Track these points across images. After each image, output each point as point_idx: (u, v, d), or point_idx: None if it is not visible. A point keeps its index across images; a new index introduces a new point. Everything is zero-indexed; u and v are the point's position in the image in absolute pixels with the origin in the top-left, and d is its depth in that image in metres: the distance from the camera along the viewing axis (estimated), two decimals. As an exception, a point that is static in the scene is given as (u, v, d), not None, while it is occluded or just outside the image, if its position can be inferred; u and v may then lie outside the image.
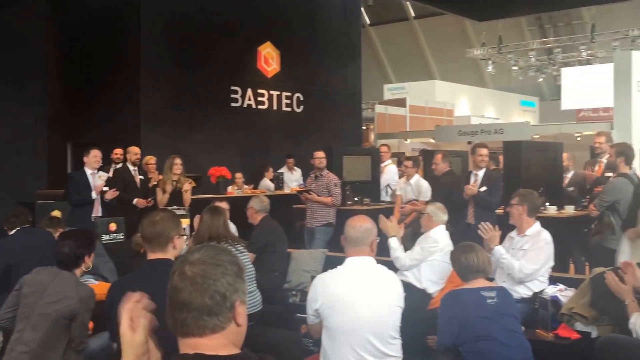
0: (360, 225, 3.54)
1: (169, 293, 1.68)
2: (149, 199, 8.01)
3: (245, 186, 10.83)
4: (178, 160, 8.08)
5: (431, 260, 5.35)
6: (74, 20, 11.36)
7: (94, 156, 7.70)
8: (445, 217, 5.56)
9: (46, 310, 3.80)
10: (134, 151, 8.59)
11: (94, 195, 7.62)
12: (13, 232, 5.39)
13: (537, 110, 29.51)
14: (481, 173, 7.25)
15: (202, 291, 1.65)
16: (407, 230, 7.51)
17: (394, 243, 5.42)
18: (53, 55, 10.76)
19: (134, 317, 1.77)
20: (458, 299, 3.75)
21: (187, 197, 8.05)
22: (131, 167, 8.52)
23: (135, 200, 8.05)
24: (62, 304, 3.81)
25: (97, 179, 7.73)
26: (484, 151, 7.32)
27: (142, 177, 8.54)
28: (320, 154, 8.42)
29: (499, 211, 7.18)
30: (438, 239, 5.39)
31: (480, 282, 3.83)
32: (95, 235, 4.39)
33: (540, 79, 28.13)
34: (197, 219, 5.86)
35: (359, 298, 3.36)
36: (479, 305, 3.66)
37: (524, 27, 27.69)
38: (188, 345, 1.66)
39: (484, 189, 7.09)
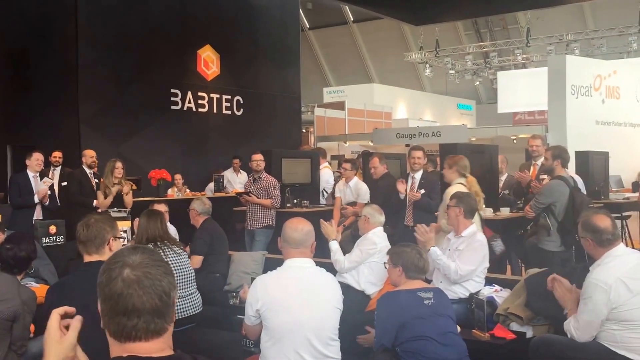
0: (302, 228, 3.58)
1: (112, 300, 1.62)
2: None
3: (187, 189, 10.73)
4: (119, 164, 8.03)
5: (370, 262, 5.42)
6: (10, 22, 11.04)
7: (36, 159, 7.79)
8: (382, 218, 5.63)
9: None
10: (90, 154, 8.54)
11: (36, 199, 7.63)
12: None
13: (474, 113, 30.18)
14: (418, 175, 7.38)
15: (152, 293, 1.62)
16: (346, 232, 7.62)
17: (334, 246, 5.47)
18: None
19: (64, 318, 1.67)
20: (395, 300, 3.79)
21: (128, 199, 8.01)
22: (87, 170, 8.45)
23: (95, 202, 8.03)
24: (3, 306, 3.75)
25: (40, 184, 7.65)
26: (419, 154, 7.44)
27: (97, 180, 8.45)
28: (257, 157, 8.44)
29: (437, 213, 7.33)
30: (376, 241, 5.45)
31: (417, 284, 3.88)
32: (33, 238, 4.31)
33: (477, 83, 28.83)
34: (136, 221, 5.81)
35: (299, 299, 3.39)
36: (416, 306, 3.71)
37: (460, 31, 28.29)
38: (125, 349, 1.61)
39: (422, 191, 7.21)
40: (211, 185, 11.19)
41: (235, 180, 11.65)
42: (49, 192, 7.83)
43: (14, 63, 11.14)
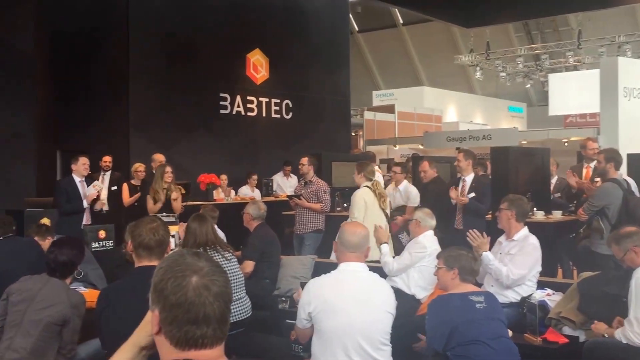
0: (359, 232, 3.59)
1: (180, 308, 1.56)
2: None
3: (232, 191, 10.84)
4: (169, 169, 8.06)
5: (420, 265, 5.37)
6: (62, 28, 11.32)
7: (83, 164, 7.68)
8: (433, 222, 5.58)
9: (37, 316, 3.81)
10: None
11: (85, 204, 7.60)
12: (-1, 239, 5.35)
13: (524, 116, 29.71)
14: (469, 179, 7.28)
15: (220, 301, 1.58)
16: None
17: (385, 249, 5.47)
18: (42, 62, 10.73)
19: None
20: (446, 304, 3.76)
21: (177, 204, 8.04)
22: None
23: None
24: (53, 310, 3.83)
25: (90, 188, 7.71)
26: (459, 156, 7.38)
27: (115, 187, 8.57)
28: (303, 161, 8.42)
29: (488, 216, 7.22)
30: (426, 245, 5.40)
31: (468, 287, 3.84)
32: (82, 242, 4.38)
33: (528, 85, 28.37)
34: (182, 226, 5.87)
35: (351, 303, 3.39)
36: (467, 309, 3.67)
37: (511, 33, 27.90)
38: (184, 355, 1.58)
39: (472, 194, 7.12)
40: (244, 188, 11.23)
41: (286, 184, 11.69)
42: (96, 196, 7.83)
43: (65, 69, 11.42)
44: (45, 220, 6.26)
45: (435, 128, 22.16)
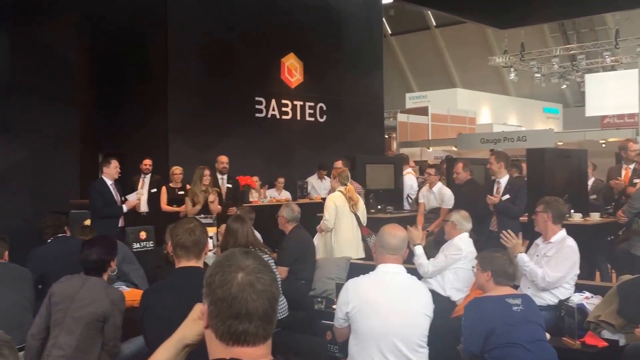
0: (399, 234, 3.61)
1: (224, 302, 1.61)
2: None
3: (267, 192, 10.96)
4: (207, 171, 8.21)
5: (455, 267, 5.37)
6: (103, 33, 11.62)
7: (115, 167, 7.75)
8: (469, 225, 5.57)
9: (79, 313, 3.91)
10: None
11: (125, 208, 7.71)
12: (49, 240, 5.52)
13: (560, 117, 29.35)
14: (504, 181, 7.25)
15: (264, 299, 1.62)
16: (430, 238, 7.56)
17: (419, 250, 5.46)
18: (84, 68, 10.99)
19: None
20: (483, 306, 3.75)
21: (214, 207, 8.17)
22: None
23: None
24: (94, 307, 3.93)
25: (132, 195, 7.87)
26: (491, 159, 7.36)
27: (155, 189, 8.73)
28: (337, 164, 8.48)
29: (523, 219, 7.18)
30: (462, 247, 5.39)
31: (505, 290, 3.82)
32: (115, 240, 4.49)
33: (564, 86, 28.02)
34: (222, 227, 5.97)
35: (389, 304, 3.40)
36: (504, 312, 3.65)
37: (546, 33, 27.60)
38: (230, 352, 1.61)
39: (506, 196, 7.08)
40: (271, 191, 11.34)
41: (320, 187, 11.78)
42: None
43: (106, 74, 11.69)
44: (89, 222, 6.44)
45: (469, 130, 22.05)
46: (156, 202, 8.86)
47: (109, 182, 7.67)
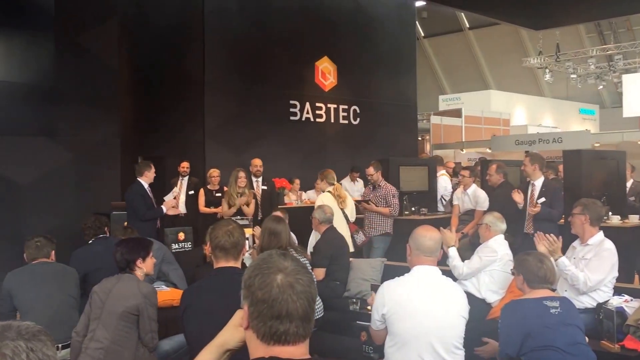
0: (434, 236, 3.61)
1: (265, 304, 1.64)
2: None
3: (304, 194, 11.04)
4: (242, 174, 8.30)
5: (490, 269, 5.35)
6: (143, 40, 11.88)
7: (154, 171, 7.84)
8: (503, 226, 5.53)
9: (114, 308, 4.06)
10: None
11: (164, 209, 7.79)
12: (91, 241, 5.67)
13: (597, 118, 28.92)
14: (539, 183, 7.18)
15: (303, 300, 1.65)
16: (464, 240, 7.55)
17: (453, 252, 5.44)
18: (124, 74, 11.24)
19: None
20: (520, 309, 3.71)
21: (250, 209, 8.27)
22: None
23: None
24: (127, 301, 4.08)
25: (169, 195, 8.00)
26: (525, 160, 7.32)
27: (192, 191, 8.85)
28: (369, 170, 8.49)
29: (560, 221, 7.12)
30: (497, 249, 5.36)
31: (543, 292, 3.78)
32: (148, 242, 4.60)
33: (601, 87, 27.60)
34: (257, 229, 6.05)
35: (425, 306, 3.40)
36: (542, 315, 3.61)
37: (582, 34, 27.22)
38: (270, 350, 1.65)
39: (542, 199, 7.02)
40: (310, 192, 11.42)
41: (353, 189, 11.82)
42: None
43: (145, 79, 11.94)
44: (128, 222, 6.58)
45: (503, 132, 21.87)
46: (194, 204, 9.01)
47: (146, 186, 7.76)
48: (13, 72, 8.69)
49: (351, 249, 7.42)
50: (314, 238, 7.35)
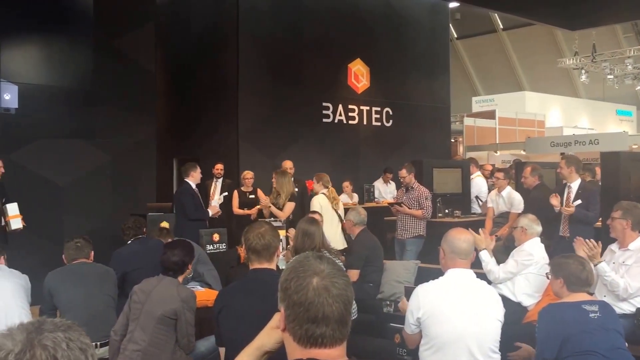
0: (469, 238, 3.59)
1: (301, 307, 1.65)
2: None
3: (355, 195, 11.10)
4: (249, 174, 8.49)
5: (526, 273, 5.29)
6: (178, 45, 12.06)
7: (200, 172, 8.06)
8: (539, 229, 5.47)
9: (152, 310, 4.11)
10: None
11: (210, 213, 8.01)
12: (130, 241, 5.77)
13: (634, 119, 28.40)
14: (575, 185, 7.08)
15: (339, 303, 1.65)
16: (499, 242, 7.48)
17: (485, 256, 5.36)
18: (161, 78, 11.41)
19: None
20: (558, 313, 3.66)
21: (283, 212, 8.27)
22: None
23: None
24: (166, 304, 4.12)
25: (215, 200, 8.15)
26: (561, 163, 7.22)
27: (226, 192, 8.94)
28: (402, 173, 8.48)
29: (597, 224, 7.02)
30: (533, 252, 5.31)
31: (581, 296, 3.73)
32: (192, 244, 4.67)
33: (638, 87, 27.09)
34: (292, 230, 6.09)
35: (461, 309, 3.39)
36: (580, 319, 3.56)
37: (619, 34, 26.76)
38: (307, 353, 1.65)
39: (578, 202, 6.93)
40: (342, 196, 11.41)
41: (386, 191, 11.83)
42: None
43: (181, 82, 12.09)
44: (165, 224, 6.66)
45: (538, 133, 21.62)
46: (228, 205, 9.10)
47: (193, 186, 7.94)
48: (53, 76, 8.89)
49: (345, 245, 7.56)
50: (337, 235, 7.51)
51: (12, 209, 7.21)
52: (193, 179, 7.94)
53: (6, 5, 8.35)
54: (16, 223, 7.21)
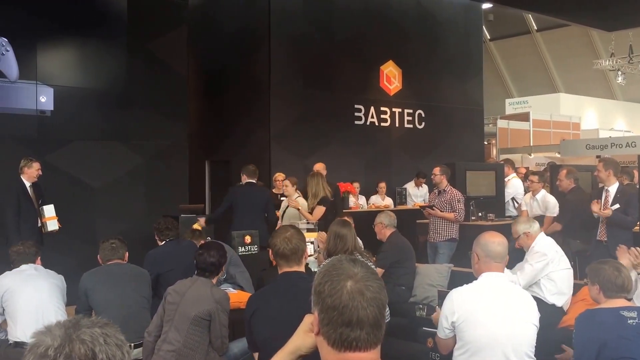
0: (503, 241, 3.54)
1: (335, 310, 1.63)
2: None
3: (361, 197, 11.02)
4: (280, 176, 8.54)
5: (548, 273, 5.25)
6: (210, 47, 12.13)
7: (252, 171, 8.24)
8: (536, 225, 5.49)
9: (186, 312, 4.13)
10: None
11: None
12: (162, 243, 5.81)
13: (673, 121, 27.79)
14: (613, 189, 6.95)
15: (374, 306, 1.63)
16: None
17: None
18: (193, 81, 11.50)
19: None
20: (595, 318, 3.60)
21: (313, 215, 8.25)
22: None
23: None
24: (200, 306, 4.13)
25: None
26: (599, 166, 7.07)
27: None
28: (435, 171, 8.40)
29: (635, 228, 6.88)
30: (545, 251, 5.28)
31: (619, 302, 3.65)
32: (224, 246, 4.68)
33: (676, 89, 26.55)
34: (322, 234, 6.07)
35: (496, 313, 3.34)
36: (618, 325, 3.48)
37: (657, 35, 26.21)
38: (341, 357, 1.64)
39: (616, 206, 6.80)
40: (374, 197, 11.34)
41: (417, 194, 11.75)
42: None
43: (213, 84, 12.16)
44: (197, 225, 6.70)
45: (573, 136, 21.32)
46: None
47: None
48: (87, 78, 9.03)
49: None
50: None
51: (49, 210, 7.30)
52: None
53: (42, 10, 8.51)
54: (52, 225, 7.30)
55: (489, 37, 28.71)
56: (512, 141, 19.87)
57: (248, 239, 6.88)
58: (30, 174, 7.25)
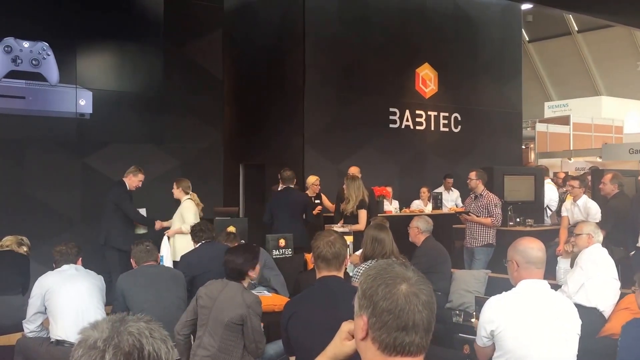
0: (541, 246, 3.44)
1: (391, 314, 1.61)
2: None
3: (394, 201, 10.90)
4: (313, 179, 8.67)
5: (594, 276, 5.20)
6: (245, 51, 12.22)
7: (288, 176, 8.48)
8: (601, 237, 5.48)
9: (219, 317, 4.11)
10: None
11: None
12: (197, 245, 5.84)
13: None
14: (659, 194, 6.78)
15: (428, 310, 1.62)
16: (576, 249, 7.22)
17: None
18: (228, 85, 11.58)
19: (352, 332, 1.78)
20: (641, 327, 3.53)
21: (363, 218, 8.16)
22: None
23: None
24: (231, 310, 4.11)
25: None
26: None
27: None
28: (472, 175, 8.27)
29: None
30: (597, 260, 5.25)
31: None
32: (256, 248, 4.63)
33: None
34: (355, 256, 6.02)
35: (537, 322, 3.25)
36: None
37: None
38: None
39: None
40: (416, 202, 11.21)
41: (447, 198, 11.56)
42: None
43: (247, 88, 12.22)
44: (232, 228, 6.73)
45: (615, 140, 20.89)
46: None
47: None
48: (123, 82, 9.16)
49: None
50: None
51: (143, 213, 7.86)
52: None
53: (81, 15, 8.68)
54: (143, 227, 7.84)
55: (527, 39, 28.31)
56: (551, 145, 19.54)
57: (282, 242, 6.89)
58: (134, 181, 7.70)
